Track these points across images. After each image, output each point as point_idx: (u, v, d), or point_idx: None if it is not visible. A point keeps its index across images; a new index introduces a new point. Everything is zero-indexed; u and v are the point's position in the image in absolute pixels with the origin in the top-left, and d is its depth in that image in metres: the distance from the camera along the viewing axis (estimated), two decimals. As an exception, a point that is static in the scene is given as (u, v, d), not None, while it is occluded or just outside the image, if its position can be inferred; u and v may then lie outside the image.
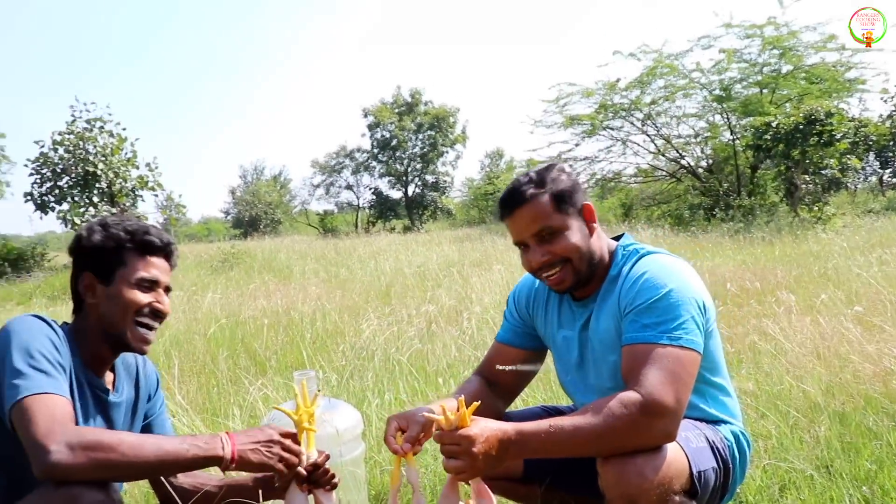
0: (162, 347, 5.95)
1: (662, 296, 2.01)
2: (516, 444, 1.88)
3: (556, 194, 2.16)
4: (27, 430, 1.68)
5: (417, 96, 52.62)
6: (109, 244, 2.07)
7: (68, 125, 23.17)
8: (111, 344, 2.09)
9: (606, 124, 24.58)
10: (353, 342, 5.26)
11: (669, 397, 1.86)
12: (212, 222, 67.28)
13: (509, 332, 2.54)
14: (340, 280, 11.11)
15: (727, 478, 2.11)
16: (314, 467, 2.05)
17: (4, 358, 1.80)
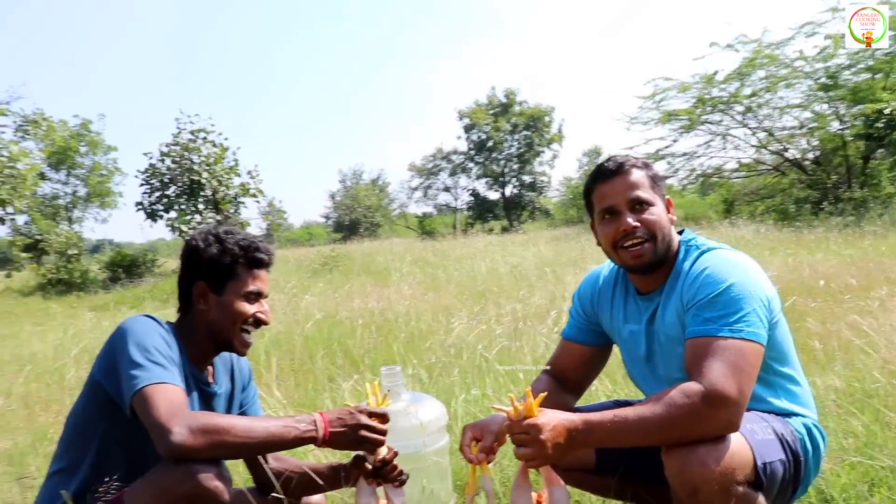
0: (262, 347, 6.20)
1: (723, 290, 2.04)
2: (583, 433, 1.94)
3: (651, 176, 2.26)
4: (149, 416, 1.89)
5: (512, 97, 52.67)
6: (225, 259, 2.24)
7: (174, 137, 24.26)
8: (216, 345, 2.30)
9: (705, 119, 23.99)
10: (443, 340, 5.36)
11: (731, 388, 1.89)
12: (313, 227, 68.83)
13: (575, 329, 2.60)
14: (436, 281, 11.26)
15: (798, 471, 2.11)
16: (382, 463, 2.18)
17: (123, 352, 2.01)
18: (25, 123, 25.54)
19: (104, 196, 49.68)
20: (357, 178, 64.59)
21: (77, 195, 49.26)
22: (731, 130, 24.23)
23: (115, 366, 2.03)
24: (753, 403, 2.13)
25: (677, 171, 25.71)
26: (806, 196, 21.87)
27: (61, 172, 47.29)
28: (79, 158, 47.05)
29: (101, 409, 2.09)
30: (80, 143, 45.89)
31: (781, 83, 22.00)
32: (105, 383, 2.06)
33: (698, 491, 1.89)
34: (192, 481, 1.85)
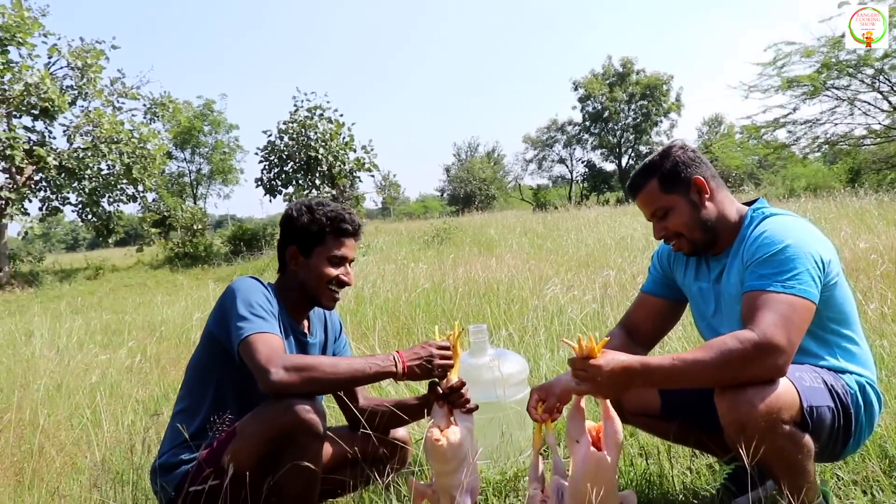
0: (371, 312, 6.55)
1: (779, 250, 2.22)
2: (641, 375, 2.15)
3: (662, 178, 2.48)
4: (252, 359, 2.24)
5: (629, 66, 51.78)
6: (314, 227, 2.56)
7: (291, 114, 25.01)
8: (307, 301, 2.64)
9: (830, 84, 23.02)
10: (536, 305, 5.57)
11: (781, 337, 2.06)
12: (428, 200, 69.69)
13: (652, 283, 2.80)
14: (541, 251, 11.42)
15: (849, 423, 2.25)
16: (451, 390, 2.43)
17: (232, 307, 2.37)
18: (154, 106, 26.80)
19: (226, 173, 51.85)
20: (472, 151, 64.94)
21: (201, 173, 51.60)
22: (859, 95, 23.15)
23: (226, 319, 2.38)
24: (809, 359, 2.31)
25: (798, 140, 24.83)
26: (943, 165, 20.73)
27: (186, 151, 49.60)
28: (202, 137, 49.21)
29: (216, 357, 2.46)
30: (204, 123, 47.91)
31: (918, 43, 20.86)
32: (218, 334, 2.41)
33: (745, 428, 2.08)
34: (290, 413, 2.20)
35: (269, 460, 2.25)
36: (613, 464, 2.12)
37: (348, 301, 7.32)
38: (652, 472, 2.91)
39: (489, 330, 5.04)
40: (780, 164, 34.39)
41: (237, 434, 2.28)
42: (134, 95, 25.81)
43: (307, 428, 2.20)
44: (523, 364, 3.38)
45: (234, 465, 2.23)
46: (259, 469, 2.25)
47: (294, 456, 2.21)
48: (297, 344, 2.61)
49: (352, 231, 2.61)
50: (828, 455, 2.36)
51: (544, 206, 34.63)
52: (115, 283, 21.48)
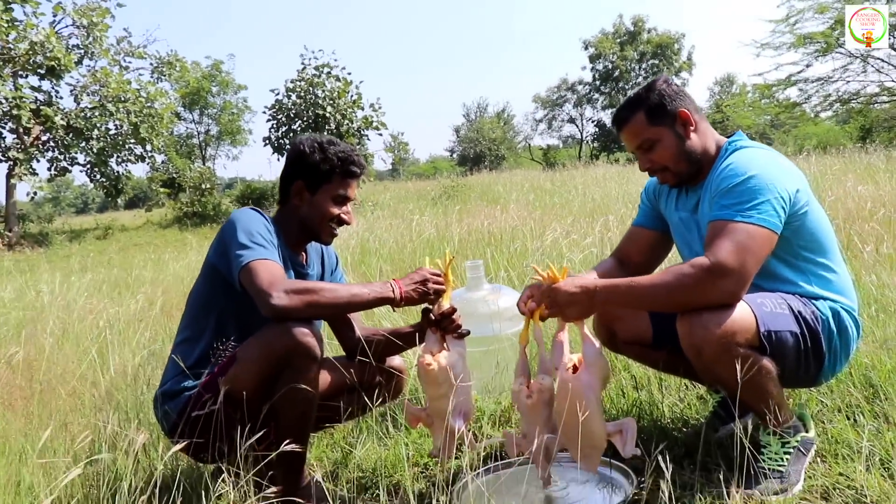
0: (376, 261, 6.62)
1: (742, 181, 2.27)
2: (601, 294, 2.24)
3: (648, 110, 2.51)
4: (253, 285, 2.29)
5: (640, 24, 51.26)
6: (324, 166, 2.60)
7: (299, 73, 24.94)
8: (306, 235, 2.68)
9: (843, 41, 22.77)
10: (536, 247, 5.62)
11: (733, 261, 2.13)
12: (438, 161, 69.49)
13: (643, 216, 2.87)
14: (549, 205, 11.45)
15: (818, 348, 2.31)
16: (443, 316, 2.49)
17: (232, 237, 2.41)
18: (161, 65, 26.75)
19: (235, 134, 51.73)
20: (482, 112, 64.60)
21: (210, 134, 51.49)
22: (873, 52, 22.91)
23: (227, 248, 2.42)
24: (783, 286, 2.38)
25: (810, 98, 24.63)
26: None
27: (195, 112, 49.43)
28: (211, 98, 48.98)
29: (217, 287, 2.51)
30: (212, 84, 47.68)
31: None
32: (218, 264, 2.47)
33: (702, 351, 2.18)
34: (288, 336, 2.26)
35: (267, 384, 2.31)
36: (592, 385, 2.17)
37: (353, 251, 7.39)
38: (643, 401, 2.98)
39: (489, 272, 5.11)
40: (792, 123, 34.03)
41: (236, 359, 2.34)
42: (140, 54, 25.76)
43: (304, 350, 2.26)
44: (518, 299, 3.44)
45: (233, 388, 2.28)
46: (258, 393, 2.31)
47: (291, 379, 2.27)
48: (296, 275, 2.66)
49: (359, 173, 2.66)
50: (804, 380, 2.43)
51: (553, 165, 34.53)
52: (125, 243, 21.64)
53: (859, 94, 24.12)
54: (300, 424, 2.37)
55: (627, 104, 2.54)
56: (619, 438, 2.17)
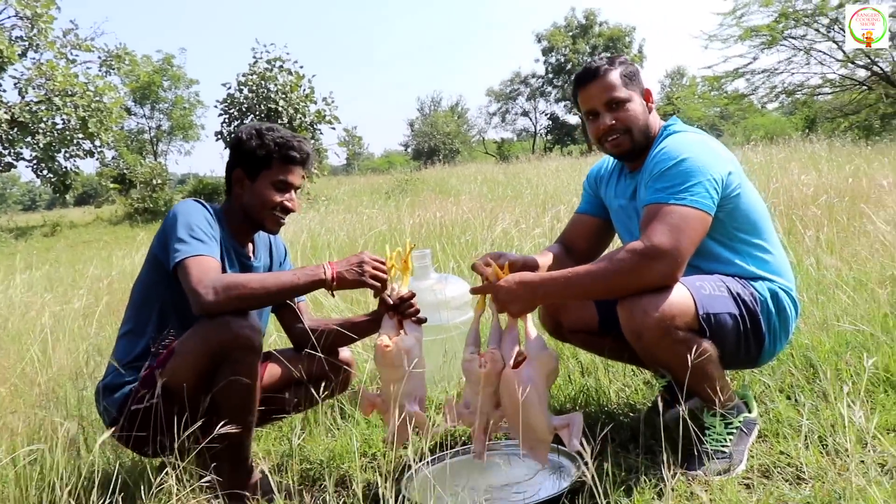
0: (327, 254, 6.58)
1: (674, 164, 2.30)
2: (542, 287, 2.28)
3: (624, 73, 2.51)
4: (186, 282, 2.26)
5: (592, 17, 51.57)
6: (261, 152, 2.55)
7: (251, 67, 24.63)
8: (250, 224, 2.63)
9: (787, 34, 23.20)
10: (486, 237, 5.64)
11: (667, 243, 2.16)
12: (393, 155, 69.32)
13: (586, 203, 2.89)
14: (501, 197, 11.50)
15: (758, 329, 2.35)
16: (401, 300, 2.48)
17: (173, 230, 2.37)
18: (109, 58, 26.21)
19: (187, 129, 51.05)
20: (436, 106, 64.58)
21: (161, 129, 50.73)
22: (815, 45, 23.38)
23: (166, 241, 2.39)
24: (721, 266, 2.42)
25: (757, 90, 25.07)
26: (893, 111, 21.10)
27: (146, 107, 48.65)
28: (162, 93, 48.26)
29: (159, 279, 2.47)
30: (163, 78, 46.99)
31: (872, -9, 21.08)
32: (160, 256, 2.43)
33: (642, 335, 2.21)
34: (225, 329, 2.22)
35: (206, 377, 2.27)
36: (534, 380, 2.18)
37: (304, 244, 7.33)
38: (590, 387, 3.00)
39: (439, 263, 5.11)
40: (740, 114, 34.73)
41: (175, 352, 2.30)
42: (88, 47, 25.21)
43: (242, 342, 2.22)
44: (466, 288, 3.44)
45: (172, 382, 2.25)
46: (197, 386, 2.27)
47: (230, 371, 2.23)
48: (241, 267, 2.62)
49: (299, 159, 2.60)
50: (744, 361, 2.47)
51: (507, 158, 34.69)
52: (73, 240, 21.21)
53: (803, 86, 24.63)
54: (241, 416, 2.32)
55: (601, 61, 2.54)
56: (566, 432, 2.19)
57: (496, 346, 2.32)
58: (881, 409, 2.49)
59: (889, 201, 5.64)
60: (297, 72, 24.70)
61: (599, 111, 2.51)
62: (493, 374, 2.25)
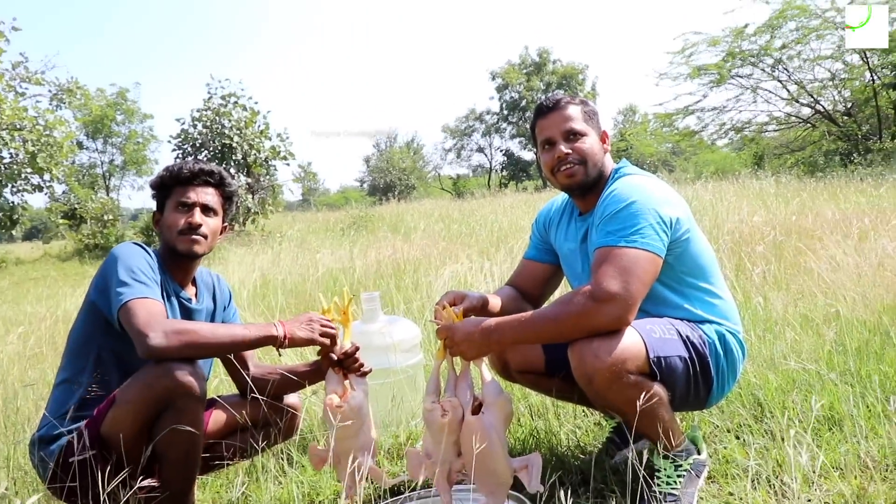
0: (279, 295, 6.50)
1: (624, 207, 2.30)
2: (496, 332, 2.27)
3: (586, 111, 2.55)
4: (131, 324, 2.20)
5: (545, 55, 52.25)
6: (161, 183, 2.59)
7: (205, 102, 24.46)
8: (176, 256, 2.56)
9: (735, 73, 23.86)
10: (437, 281, 5.61)
11: (616, 286, 2.15)
12: (349, 191, 69.17)
13: (534, 249, 2.89)
14: (456, 235, 11.51)
15: (706, 371, 2.36)
16: (345, 355, 2.45)
17: (113, 274, 2.32)
18: (60, 92, 25.87)
19: (140, 164, 50.43)
20: (391, 142, 64.73)
21: (114, 164, 50.08)
22: (761, 84, 24.07)
23: (107, 286, 2.32)
24: (669, 310, 2.42)
25: (706, 126, 25.66)
26: (836, 148, 21.70)
27: (98, 141, 48.05)
28: (115, 127, 47.73)
29: (97, 325, 2.40)
30: (117, 112, 46.52)
31: (812, 34, 21.75)
32: (98, 302, 2.36)
33: (593, 379, 2.19)
34: (168, 376, 2.15)
35: (148, 426, 2.21)
36: (495, 425, 2.18)
37: (255, 283, 7.25)
38: (540, 429, 2.98)
39: (390, 304, 5.07)
40: (691, 150, 35.43)
41: (116, 401, 2.23)
42: (38, 81, 24.82)
43: (185, 390, 2.16)
44: (415, 330, 3.42)
45: (112, 432, 2.18)
46: (138, 436, 2.21)
47: (173, 420, 2.17)
48: (182, 309, 2.56)
49: (188, 175, 2.57)
50: (693, 403, 2.47)
51: (463, 194, 34.81)
52: (20, 277, 20.69)
53: (751, 123, 25.30)
54: (185, 466, 2.27)
55: (565, 96, 2.57)
56: (525, 474, 2.18)
57: (453, 393, 2.30)
58: (826, 448, 2.51)
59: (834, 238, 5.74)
60: (251, 108, 24.57)
61: (556, 140, 2.50)
62: (456, 422, 2.22)
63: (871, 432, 2.57)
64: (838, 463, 2.42)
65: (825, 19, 21.19)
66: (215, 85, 24.60)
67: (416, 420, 3.21)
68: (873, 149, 18.56)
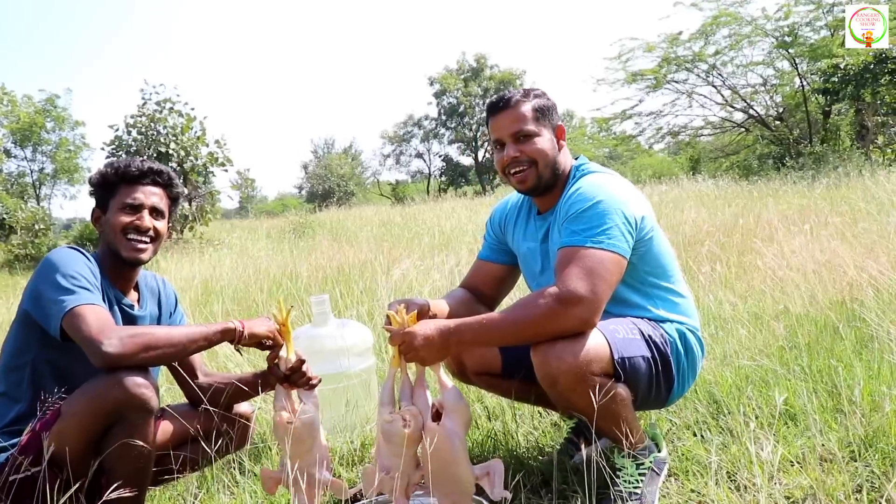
0: (221, 301, 6.35)
1: (590, 206, 2.27)
2: (455, 334, 2.18)
3: (537, 107, 2.46)
4: (81, 332, 2.08)
5: (482, 61, 52.47)
6: (104, 181, 2.44)
7: (139, 108, 23.95)
8: (118, 261, 2.43)
9: (670, 78, 24.25)
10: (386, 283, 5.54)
11: (583, 288, 2.11)
12: (287, 198, 68.50)
13: (487, 249, 2.83)
14: (399, 239, 11.45)
15: (668, 370, 2.35)
16: (291, 370, 2.36)
17: (50, 281, 2.18)
18: (-14, 99, 25.18)
19: (72, 172, 49.03)
20: (329, 148, 64.33)
21: (44, 172, 48.66)
22: (696, 89, 24.54)
23: (42, 294, 2.20)
24: (632, 310, 2.40)
25: (644, 131, 26.06)
26: (769, 151, 22.26)
27: (27, 149, 46.65)
28: (45, 135, 46.39)
29: (31, 336, 2.27)
30: (47, 119, 45.27)
31: (744, 41, 22.28)
32: (34, 312, 2.23)
33: (557, 381, 2.15)
34: (119, 388, 2.04)
35: (96, 441, 2.11)
36: (457, 432, 2.11)
37: (195, 290, 7.08)
38: (497, 431, 2.94)
39: (338, 309, 4.98)
40: (629, 154, 35.98)
41: (61, 414, 2.12)
42: (-38, 88, 24.14)
43: (139, 403, 2.06)
44: (367, 333, 3.35)
45: (58, 447, 2.07)
46: (85, 451, 2.11)
47: (124, 433, 2.07)
48: (124, 316, 2.44)
49: (137, 174, 2.44)
50: (655, 401, 2.46)
51: (403, 200, 34.73)
52: (-53, 289, 20.04)
53: (687, 128, 25.76)
54: (136, 482, 2.15)
55: (516, 93, 2.48)
56: (487, 481, 2.11)
57: (410, 402, 2.21)
58: (783, 442, 2.52)
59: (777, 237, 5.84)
60: (188, 113, 24.13)
61: (505, 142, 2.45)
62: (417, 432, 2.13)
63: (826, 426, 2.59)
64: (796, 456, 2.43)
65: (756, 26, 21.70)
66: (149, 90, 24.10)
67: (371, 425, 3.14)
68: (804, 152, 19.03)
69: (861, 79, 17.74)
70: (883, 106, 18.62)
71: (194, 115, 24.23)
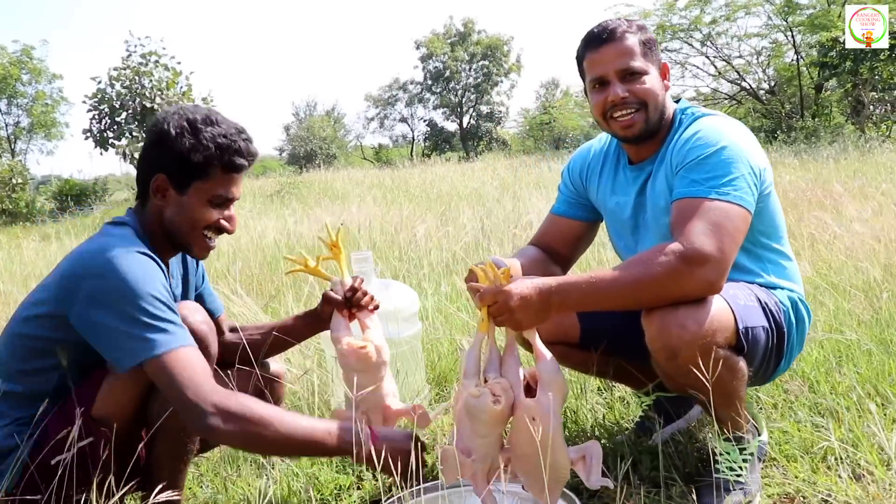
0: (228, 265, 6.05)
1: (714, 152, 1.97)
2: (558, 294, 1.84)
3: (644, 41, 2.14)
4: (173, 389, 1.73)
5: (470, 25, 51.92)
6: (197, 156, 1.93)
7: (123, 60, 23.35)
8: (172, 245, 2.05)
9: (664, 46, 23.98)
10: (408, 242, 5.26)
11: (711, 246, 1.82)
12: (267, 160, 67.75)
13: (564, 203, 2.52)
14: (397, 200, 11.17)
15: (781, 342, 2.08)
16: (352, 291, 2.11)
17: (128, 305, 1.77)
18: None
19: (49, 127, 47.94)
20: (311, 110, 63.62)
21: (20, 126, 47.59)
22: (689, 59, 24.30)
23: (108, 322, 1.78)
24: (741, 275, 2.11)
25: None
26: (760, 125, 22.07)
27: (2, 102, 45.59)
28: (21, 87, 45.29)
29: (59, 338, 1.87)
30: (22, 71, 44.18)
31: (741, 10, 21.99)
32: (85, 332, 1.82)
33: (678, 354, 1.86)
34: None
35: (143, 402, 1.87)
36: (555, 410, 1.79)
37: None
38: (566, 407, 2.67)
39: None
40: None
41: (106, 379, 1.84)
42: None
43: None
44: (413, 295, 3.06)
45: (105, 413, 1.82)
46: (132, 414, 1.87)
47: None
48: None
49: (246, 166, 2.01)
50: (761, 377, 2.19)
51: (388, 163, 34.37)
52: (-79, 245, 19.50)
53: (678, 98, 25.49)
54: (179, 442, 1.93)
55: (621, 22, 2.15)
56: (583, 465, 1.80)
57: (498, 373, 1.87)
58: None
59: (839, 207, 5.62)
60: (173, 68, 23.58)
61: (610, 80, 2.12)
62: (508, 409, 1.82)
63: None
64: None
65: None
66: (134, 42, 23.51)
67: (422, 397, 2.86)
68: (796, 127, 18.90)
69: (860, 54, 17.57)
70: (880, 82, 18.49)
71: (180, 70, 23.72)
